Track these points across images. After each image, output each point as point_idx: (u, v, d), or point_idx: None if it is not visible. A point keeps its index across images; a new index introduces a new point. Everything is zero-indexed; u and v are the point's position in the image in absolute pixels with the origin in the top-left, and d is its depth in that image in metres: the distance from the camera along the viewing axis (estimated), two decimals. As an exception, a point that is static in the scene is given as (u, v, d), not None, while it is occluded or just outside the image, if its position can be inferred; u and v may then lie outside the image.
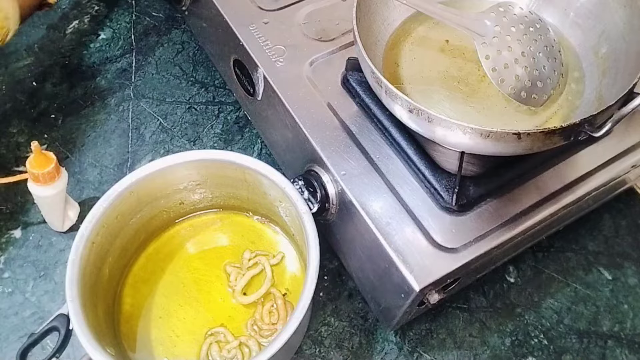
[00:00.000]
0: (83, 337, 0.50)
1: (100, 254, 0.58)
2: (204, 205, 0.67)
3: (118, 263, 0.62)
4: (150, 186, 0.61)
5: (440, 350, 0.64)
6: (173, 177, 0.62)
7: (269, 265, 0.64)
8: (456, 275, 0.54)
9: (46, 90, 0.82)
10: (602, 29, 0.59)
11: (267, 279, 0.63)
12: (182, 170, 0.61)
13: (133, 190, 0.59)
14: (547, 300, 0.67)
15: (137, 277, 0.64)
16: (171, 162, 0.60)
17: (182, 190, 0.64)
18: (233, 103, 0.81)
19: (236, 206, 0.68)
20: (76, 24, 0.89)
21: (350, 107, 0.62)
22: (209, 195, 0.66)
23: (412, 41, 0.63)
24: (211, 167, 0.62)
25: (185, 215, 0.68)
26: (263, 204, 0.65)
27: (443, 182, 0.55)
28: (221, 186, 0.65)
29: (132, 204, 0.60)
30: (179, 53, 0.86)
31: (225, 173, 0.62)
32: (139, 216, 0.62)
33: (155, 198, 0.63)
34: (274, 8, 0.69)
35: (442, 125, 0.48)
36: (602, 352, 0.64)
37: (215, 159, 0.60)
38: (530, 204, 0.56)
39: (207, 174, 0.63)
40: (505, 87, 0.55)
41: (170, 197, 0.64)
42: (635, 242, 0.72)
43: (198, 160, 0.61)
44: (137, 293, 0.63)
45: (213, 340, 0.61)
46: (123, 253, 0.63)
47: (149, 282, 0.64)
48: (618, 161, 0.60)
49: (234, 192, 0.65)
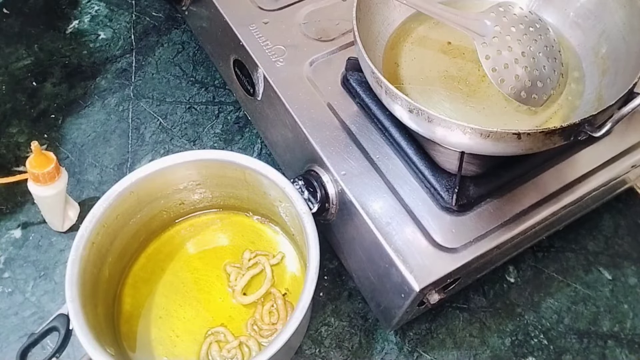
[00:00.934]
0: (83, 337, 0.50)
1: (100, 254, 0.58)
2: (203, 205, 0.67)
3: (118, 263, 0.62)
4: (150, 186, 0.61)
5: (440, 350, 0.64)
6: (173, 177, 0.62)
7: (269, 265, 0.64)
8: (456, 275, 0.54)
9: (46, 90, 0.82)
10: (602, 29, 0.59)
11: (267, 279, 0.63)
12: (182, 170, 0.61)
13: (133, 190, 0.59)
14: (547, 300, 0.67)
15: (137, 277, 0.64)
16: (171, 162, 0.60)
17: (182, 190, 0.64)
18: (233, 103, 0.81)
19: (236, 206, 0.68)
20: (76, 24, 0.89)
21: (350, 107, 0.62)
22: (209, 195, 0.66)
23: (412, 41, 0.63)
24: (211, 167, 0.62)
25: (185, 215, 0.68)
26: (263, 204, 0.65)
27: (443, 182, 0.55)
28: (221, 186, 0.65)
29: (132, 204, 0.60)
30: (179, 53, 0.86)
31: (225, 173, 0.62)
32: (139, 216, 0.62)
33: (155, 198, 0.63)
34: (274, 8, 0.69)
35: (442, 125, 0.48)
36: (602, 352, 0.64)
37: (215, 158, 0.60)
38: (530, 204, 0.56)
39: (207, 174, 0.63)
40: (505, 87, 0.55)
41: (170, 197, 0.64)
42: (635, 242, 0.72)
43: (198, 160, 0.61)
44: (137, 293, 0.63)
45: (213, 340, 0.61)
46: (123, 253, 0.63)
47: (149, 282, 0.64)
48: (618, 161, 0.60)
49: (233, 192, 0.65)
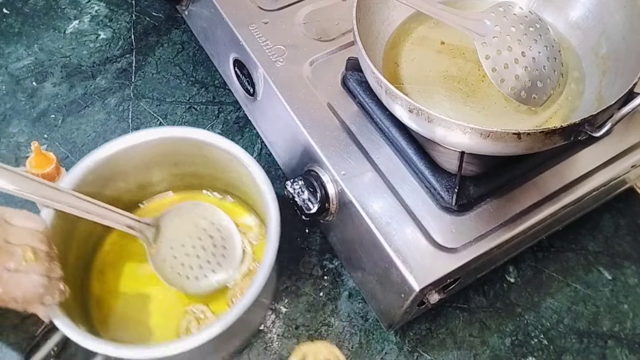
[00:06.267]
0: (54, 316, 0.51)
1: (63, 239, 0.57)
2: (164, 187, 0.68)
3: (82, 248, 0.62)
4: (108, 169, 0.61)
5: (440, 350, 0.64)
6: (131, 158, 0.62)
7: (249, 242, 0.65)
8: (456, 275, 0.54)
9: (46, 90, 0.82)
10: (602, 29, 0.59)
11: (247, 256, 0.64)
12: (138, 150, 0.62)
13: (91, 172, 0.59)
14: (547, 300, 0.67)
15: (104, 263, 0.65)
16: (126, 143, 0.61)
17: (141, 172, 0.64)
18: (233, 103, 0.81)
19: (197, 185, 0.68)
20: (76, 24, 0.89)
21: (350, 107, 0.62)
22: (169, 176, 0.67)
23: (412, 41, 0.63)
24: (167, 145, 0.62)
25: (147, 198, 0.68)
26: (223, 179, 0.65)
27: (443, 182, 0.55)
28: (180, 165, 0.65)
29: (91, 188, 0.60)
30: (179, 53, 0.86)
31: (181, 150, 0.63)
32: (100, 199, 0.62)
33: (115, 181, 0.63)
34: (274, 8, 0.69)
35: (442, 125, 0.48)
36: (602, 352, 0.64)
37: (170, 136, 0.61)
38: (530, 204, 0.56)
39: (164, 152, 0.63)
40: (505, 87, 0.55)
41: (130, 180, 0.64)
42: (635, 242, 0.72)
43: (154, 139, 0.61)
44: (105, 277, 0.64)
45: (193, 318, 0.61)
46: (86, 239, 0.63)
47: (115, 266, 0.64)
48: (618, 161, 0.60)
49: (193, 169, 0.66)
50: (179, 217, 0.63)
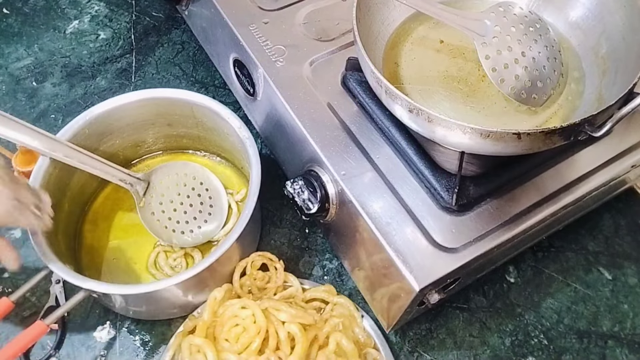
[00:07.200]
0: (40, 251, 0.55)
1: (59, 187, 0.61)
2: (157, 147, 0.72)
3: (78, 199, 0.66)
4: (105, 123, 0.64)
5: (440, 350, 0.64)
6: (126, 116, 0.65)
7: (235, 201, 0.68)
8: (456, 275, 0.54)
9: (46, 90, 0.82)
10: (602, 29, 0.59)
11: (233, 213, 0.67)
12: (134, 109, 0.65)
13: (89, 127, 0.63)
14: (547, 300, 0.67)
15: (97, 214, 0.69)
16: (123, 100, 0.64)
17: (136, 131, 0.67)
18: (233, 103, 0.81)
19: (189, 146, 0.72)
20: (76, 24, 0.89)
21: (350, 107, 0.62)
22: (162, 136, 0.70)
23: (412, 41, 0.63)
24: (161, 105, 0.66)
25: (140, 157, 0.72)
26: (212, 140, 0.69)
27: (443, 182, 0.55)
28: (172, 125, 0.68)
29: (88, 142, 0.63)
30: (179, 53, 0.86)
31: (175, 111, 0.66)
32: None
33: (111, 137, 0.66)
34: (274, 8, 0.69)
35: (442, 125, 0.48)
36: (602, 352, 0.64)
37: (164, 96, 0.65)
38: (530, 204, 0.56)
39: (158, 112, 0.66)
40: (505, 87, 0.55)
41: (125, 138, 0.68)
42: (635, 242, 0.72)
43: (149, 98, 0.65)
44: (97, 228, 0.68)
45: (161, 250, 0.65)
46: (82, 190, 0.67)
47: (108, 218, 0.68)
48: (618, 161, 0.60)
49: (185, 131, 0.69)
50: (169, 174, 0.66)
